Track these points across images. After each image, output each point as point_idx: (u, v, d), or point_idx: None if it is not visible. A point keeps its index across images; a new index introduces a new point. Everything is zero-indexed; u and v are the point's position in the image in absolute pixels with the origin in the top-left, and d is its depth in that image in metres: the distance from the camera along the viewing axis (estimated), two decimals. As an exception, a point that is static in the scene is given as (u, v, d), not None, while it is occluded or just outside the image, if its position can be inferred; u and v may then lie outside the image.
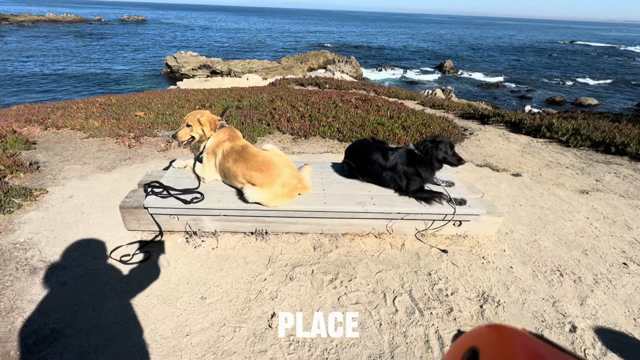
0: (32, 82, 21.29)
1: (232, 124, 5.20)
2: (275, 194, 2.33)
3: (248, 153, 2.39)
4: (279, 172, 2.34)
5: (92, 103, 6.00)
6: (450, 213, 2.51)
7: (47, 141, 4.33)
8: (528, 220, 3.08)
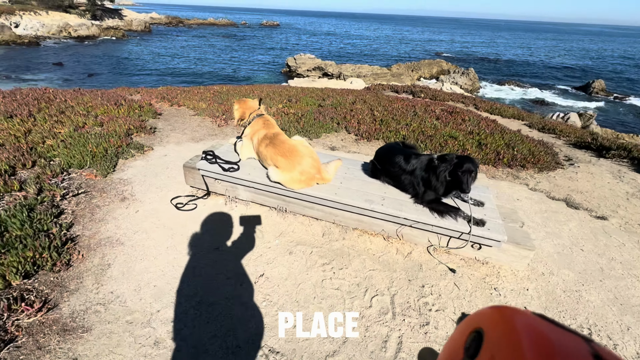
0: (183, 73, 26.98)
1: (295, 117, 5.71)
2: (292, 179, 2.63)
3: (278, 140, 2.75)
4: (300, 160, 2.63)
5: (209, 90, 7.42)
6: (465, 232, 2.36)
7: (168, 114, 5.67)
8: (582, 268, 2.57)
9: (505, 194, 3.70)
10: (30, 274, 2.08)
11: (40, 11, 50.97)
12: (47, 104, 4.98)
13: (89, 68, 29.39)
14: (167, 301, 2.03)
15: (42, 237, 2.29)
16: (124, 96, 6.33)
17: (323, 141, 4.99)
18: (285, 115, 5.83)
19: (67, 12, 56.19)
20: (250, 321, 1.95)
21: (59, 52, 36.49)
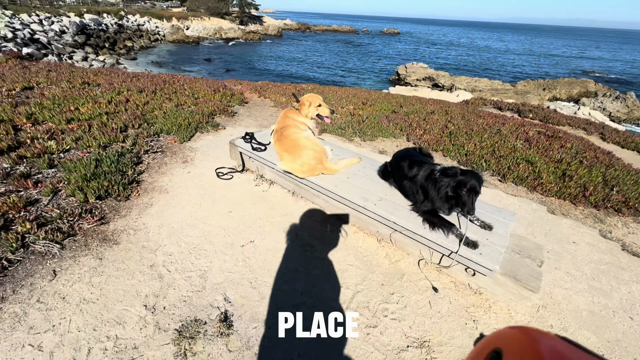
0: (295, 75, 29.64)
1: (371, 120, 5.77)
2: (294, 169, 2.85)
3: (283, 135, 2.97)
4: (300, 154, 2.81)
5: (296, 87, 8.17)
6: (454, 250, 2.17)
7: (252, 104, 6.56)
8: (617, 337, 2.01)
9: (562, 233, 3.07)
10: (102, 197, 2.89)
11: (204, 17, 63.30)
12: (169, 85, 6.45)
13: (229, 64, 35.23)
14: (174, 240, 2.55)
15: (119, 175, 3.13)
16: (228, 86, 7.59)
17: (376, 144, 4.99)
18: (351, 116, 6.02)
19: (223, 18, 68.23)
20: (224, 264, 2.28)
21: (211, 50, 44.69)
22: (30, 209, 2.58)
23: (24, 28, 30.38)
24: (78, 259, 2.26)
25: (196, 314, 1.95)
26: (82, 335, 1.77)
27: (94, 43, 36.78)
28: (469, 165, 4.47)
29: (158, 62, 34.63)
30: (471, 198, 2.18)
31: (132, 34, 46.50)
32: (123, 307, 1.95)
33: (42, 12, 35.63)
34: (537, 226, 3.16)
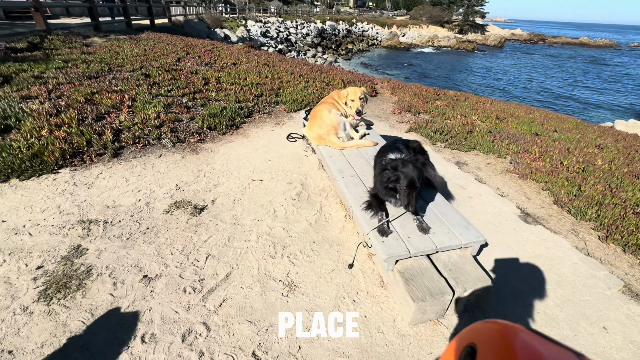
0: (495, 87, 26.19)
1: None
2: (309, 135, 3.39)
3: (316, 108, 3.46)
4: (314, 122, 3.34)
5: (450, 96, 7.93)
6: (366, 232, 2.18)
7: (379, 98, 7.06)
8: None
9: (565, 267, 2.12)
10: (211, 129, 4.43)
11: (423, 25, 64.96)
12: (324, 73, 7.90)
13: (426, 70, 35.55)
14: (225, 159, 3.70)
15: (229, 120, 4.62)
16: (372, 80, 8.36)
17: (462, 156, 4.50)
18: (462, 125, 5.50)
19: (442, 26, 67.79)
20: (237, 181, 3.21)
21: (417, 56, 46.10)
22: (176, 123, 4.38)
23: (285, 30, 41.43)
24: (174, 153, 3.77)
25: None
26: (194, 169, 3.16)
27: (325, 44, 45.39)
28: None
29: (365, 64, 39.06)
30: (410, 194, 2.11)
31: (355, 39, 54.01)
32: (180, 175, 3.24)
33: (300, 19, 47.36)
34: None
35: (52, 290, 1.96)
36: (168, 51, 8.14)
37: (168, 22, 19.18)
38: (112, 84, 5.12)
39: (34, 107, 3.98)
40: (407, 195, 2.10)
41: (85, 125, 3.81)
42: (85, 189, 2.98)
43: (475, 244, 2.13)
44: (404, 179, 2.08)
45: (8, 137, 3.40)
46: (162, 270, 2.19)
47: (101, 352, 1.66)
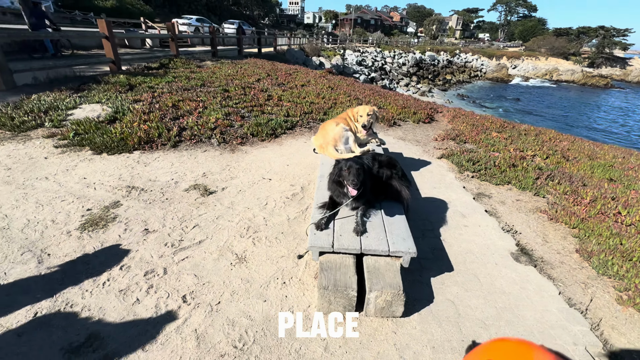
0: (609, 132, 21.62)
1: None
2: (314, 143, 3.71)
3: (327, 121, 3.80)
4: (320, 133, 3.67)
5: (523, 131, 7.32)
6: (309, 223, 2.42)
7: (432, 124, 6.95)
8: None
9: None
10: (254, 135, 5.21)
11: (541, 57, 58.26)
12: (382, 97, 8.19)
13: (533, 107, 31.86)
14: (253, 160, 4.37)
15: (272, 130, 5.36)
16: (436, 108, 8.24)
17: (490, 188, 4.19)
18: (510, 158, 5.04)
19: (566, 58, 59.64)
20: (253, 177, 3.83)
21: (528, 91, 41.91)
22: (228, 127, 5.32)
23: (381, 60, 42.71)
24: (216, 150, 4.63)
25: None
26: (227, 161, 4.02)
27: (421, 74, 44.91)
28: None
29: (462, 95, 37.17)
30: (350, 174, 2.28)
31: (456, 69, 51.94)
32: (205, 167, 4.05)
33: (398, 49, 48.23)
34: None
35: (88, 224, 2.81)
36: (254, 73, 9.66)
37: (273, 50, 22.15)
38: (196, 95, 6.49)
39: (137, 107, 5.42)
40: (349, 175, 2.27)
41: (162, 122, 5.01)
42: (142, 166, 3.98)
43: (405, 255, 2.16)
44: (345, 167, 2.29)
45: (112, 126, 4.77)
46: (159, 228, 2.85)
47: (94, 268, 2.35)
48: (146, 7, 30.23)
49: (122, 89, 6.44)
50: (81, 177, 3.58)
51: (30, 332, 1.85)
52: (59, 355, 1.73)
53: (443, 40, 70.16)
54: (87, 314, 1.99)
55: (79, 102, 5.48)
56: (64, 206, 3.03)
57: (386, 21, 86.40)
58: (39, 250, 2.48)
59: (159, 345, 1.83)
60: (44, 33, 9.79)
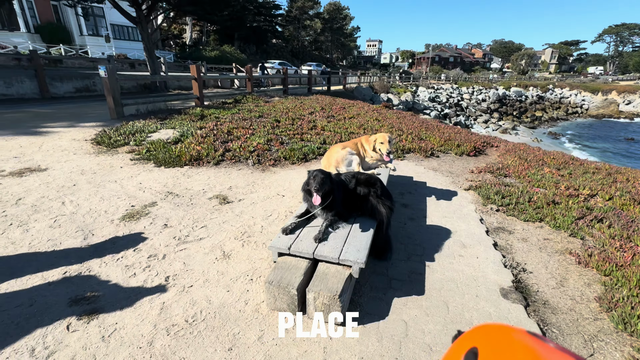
0: None
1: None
2: (321, 163, 3.95)
3: (335, 144, 4.01)
4: (326, 155, 3.89)
5: (589, 170, 6.48)
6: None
7: (479, 158, 6.57)
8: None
9: None
10: (286, 159, 5.73)
11: (666, 91, 48.87)
12: (427, 130, 8.09)
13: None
14: (279, 179, 4.84)
15: (303, 154, 5.83)
16: (489, 142, 7.75)
17: (515, 223, 3.80)
18: (596, 200, 4.48)
19: None
20: (271, 193, 4.29)
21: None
22: (265, 151, 5.97)
23: (457, 96, 41.21)
24: (249, 169, 5.26)
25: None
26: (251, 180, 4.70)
27: (504, 110, 41.73)
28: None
29: (555, 133, 33.29)
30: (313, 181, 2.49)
31: (549, 105, 46.91)
32: (236, 179, 4.66)
33: (477, 85, 46.04)
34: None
35: (127, 216, 3.55)
36: (310, 107, 10.56)
37: (342, 88, 23.59)
38: (250, 124, 7.46)
39: (199, 132, 6.54)
40: (313, 182, 2.46)
41: (213, 144, 5.93)
42: (186, 178, 4.79)
43: (354, 264, 2.23)
44: (311, 176, 2.51)
45: (175, 146, 5.85)
46: (175, 224, 3.43)
47: (116, 247, 2.98)
48: (242, 55, 35.60)
49: (195, 118, 7.81)
50: (138, 182, 4.50)
51: (56, 284, 2.47)
52: (65, 301, 2.29)
53: (533, 75, 64.51)
54: (97, 278, 2.55)
55: (159, 127, 6.87)
56: (117, 202, 3.88)
57: (466, 58, 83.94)
58: (88, 230, 3.25)
59: (133, 308, 2.25)
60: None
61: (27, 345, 1.93)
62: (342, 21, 58.48)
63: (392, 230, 3.39)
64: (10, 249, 2.87)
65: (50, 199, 3.83)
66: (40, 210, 3.56)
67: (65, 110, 9.38)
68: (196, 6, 15.57)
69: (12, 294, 2.34)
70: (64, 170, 4.73)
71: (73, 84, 13.30)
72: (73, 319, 2.13)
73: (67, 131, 6.75)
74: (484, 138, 8.35)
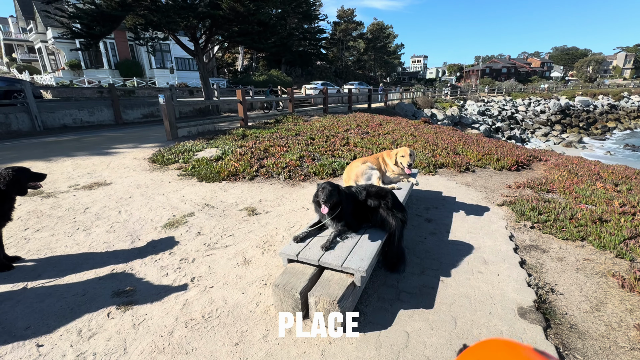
0: None
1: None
2: (343, 179, 4.06)
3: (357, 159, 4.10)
4: (345, 171, 3.99)
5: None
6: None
7: (508, 173, 6.18)
8: None
9: None
10: (316, 174, 5.96)
11: None
12: (466, 145, 7.80)
13: None
14: (291, 203, 5.08)
15: (332, 170, 6.02)
16: (537, 156, 7.22)
17: (552, 242, 3.52)
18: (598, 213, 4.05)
19: None
20: (297, 204, 4.54)
21: None
22: (297, 167, 6.26)
23: (511, 108, 38.70)
24: (279, 184, 5.57)
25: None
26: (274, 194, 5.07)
27: (567, 122, 38.09)
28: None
29: (634, 146, 29.49)
30: (322, 193, 2.63)
31: (624, 115, 41.84)
32: (266, 193, 5.00)
33: (535, 96, 42.73)
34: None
35: (168, 224, 4.01)
36: (346, 124, 10.80)
37: (384, 105, 23.61)
38: (286, 142, 7.89)
39: (238, 150, 7.10)
40: (321, 194, 2.60)
41: (250, 161, 6.40)
42: (222, 191, 5.24)
43: (356, 273, 2.30)
44: (320, 188, 2.67)
45: (216, 163, 6.43)
46: (207, 232, 3.80)
47: (156, 250, 3.39)
48: (288, 78, 37.60)
49: (237, 138, 8.49)
50: (182, 195, 5.05)
51: (105, 279, 2.90)
52: (109, 293, 2.68)
53: (603, 82, 58.05)
54: (136, 276, 2.95)
55: (205, 146, 7.61)
56: (162, 212, 4.40)
57: (522, 68, 78.53)
58: (135, 235, 3.75)
59: (161, 302, 2.57)
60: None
61: (76, 327, 2.32)
62: (385, 40, 59.05)
63: (410, 244, 3.38)
64: (75, 248, 3.43)
65: (110, 209, 4.47)
66: (101, 218, 4.18)
67: (132, 133, 10.80)
68: (246, 36, 17.07)
69: (71, 284, 2.80)
70: (124, 185, 5.48)
71: (141, 110, 15.24)
72: (113, 308, 2.50)
73: (130, 151, 7.79)
74: (532, 152, 7.78)
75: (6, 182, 2.76)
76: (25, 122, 11.20)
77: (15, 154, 7.41)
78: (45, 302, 2.56)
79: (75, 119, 12.68)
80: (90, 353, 2.08)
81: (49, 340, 2.19)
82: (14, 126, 10.96)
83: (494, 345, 0.40)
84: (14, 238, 3.60)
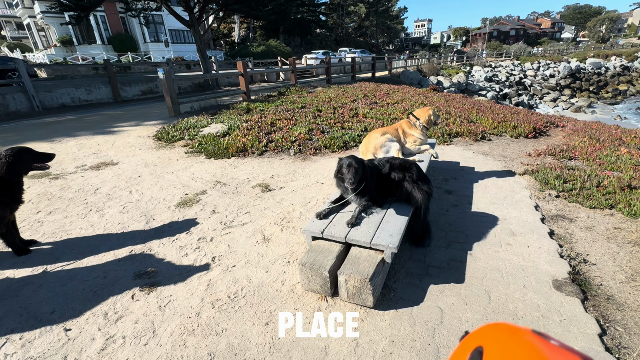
0: None
1: None
2: (360, 148, 3.89)
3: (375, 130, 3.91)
4: (363, 143, 3.81)
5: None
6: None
7: (537, 138, 5.95)
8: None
9: None
10: (327, 147, 5.78)
11: None
12: (479, 112, 7.50)
13: None
14: (304, 177, 4.94)
15: (343, 142, 5.83)
16: (554, 122, 6.95)
17: (579, 211, 3.40)
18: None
19: None
20: (309, 180, 4.42)
21: None
22: (307, 140, 6.07)
23: (519, 73, 37.30)
24: (290, 158, 5.42)
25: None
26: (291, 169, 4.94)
27: (577, 86, 36.86)
28: None
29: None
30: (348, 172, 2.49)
31: (637, 77, 40.27)
32: (278, 168, 4.87)
33: (545, 59, 41.02)
34: None
35: (181, 203, 3.92)
36: (353, 94, 10.42)
37: (388, 73, 22.80)
38: (292, 115, 7.63)
39: (244, 125, 6.88)
40: (347, 173, 2.48)
41: (257, 136, 6.20)
42: (232, 168, 5.11)
43: (386, 249, 2.21)
44: (344, 165, 2.52)
45: (223, 139, 6.24)
46: (222, 211, 3.71)
47: (172, 230, 3.32)
48: (287, 48, 36.19)
49: (241, 112, 8.22)
50: (191, 173, 4.92)
51: (124, 261, 2.85)
52: (131, 275, 2.63)
53: (617, 42, 55.43)
54: (156, 257, 2.89)
55: (209, 122, 7.38)
56: (173, 191, 4.30)
57: (531, 30, 74.84)
58: (149, 215, 3.67)
59: (184, 283, 2.52)
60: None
61: (101, 310, 2.28)
62: (387, 3, 55.97)
63: (433, 217, 3.28)
64: (90, 230, 3.36)
65: (120, 189, 4.38)
66: (112, 198, 4.09)
67: (133, 111, 10.52)
68: (242, 4, 16.15)
69: (91, 267, 2.76)
70: (131, 164, 5.35)
71: (139, 87, 14.78)
72: (136, 290, 2.45)
73: (134, 129, 7.59)
74: (548, 118, 7.49)
75: (7, 164, 2.62)
76: (23, 103, 10.91)
77: (18, 136, 7.25)
78: (67, 286, 2.51)
79: (73, 97, 12.33)
80: (119, 336, 2.05)
81: (75, 324, 2.16)
82: (12, 107, 10.68)
83: (494, 329, 0.42)
84: (27, 221, 3.54)
